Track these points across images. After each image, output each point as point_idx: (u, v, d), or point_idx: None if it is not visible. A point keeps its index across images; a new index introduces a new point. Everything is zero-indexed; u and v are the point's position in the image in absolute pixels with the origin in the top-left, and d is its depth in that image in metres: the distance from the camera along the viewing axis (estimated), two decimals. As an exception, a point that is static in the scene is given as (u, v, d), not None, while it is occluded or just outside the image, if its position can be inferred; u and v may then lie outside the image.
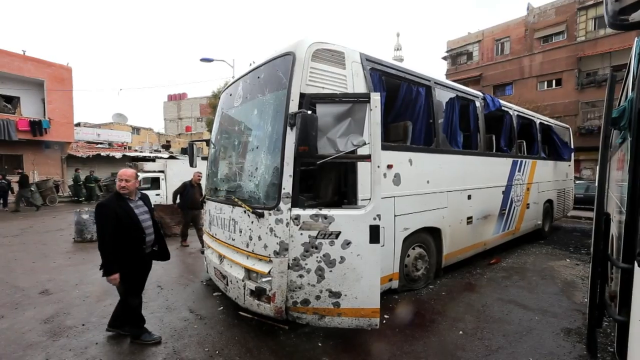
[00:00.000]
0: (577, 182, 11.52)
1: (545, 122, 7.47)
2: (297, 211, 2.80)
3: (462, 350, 2.90)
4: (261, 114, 3.41)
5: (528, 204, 6.50)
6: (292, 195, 2.83)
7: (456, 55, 27.21)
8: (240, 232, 3.21)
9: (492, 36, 24.95)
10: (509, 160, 5.82)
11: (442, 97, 4.44)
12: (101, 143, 23.71)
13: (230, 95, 4.13)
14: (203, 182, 5.39)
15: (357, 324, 2.84)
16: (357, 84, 3.38)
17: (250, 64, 4.49)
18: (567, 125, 9.22)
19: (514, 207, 6.01)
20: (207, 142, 4.78)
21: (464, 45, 26.62)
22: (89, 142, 23.00)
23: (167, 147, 25.32)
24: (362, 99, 2.82)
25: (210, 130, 5.16)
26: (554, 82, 20.94)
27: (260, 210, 2.93)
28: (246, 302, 3.08)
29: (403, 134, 4.02)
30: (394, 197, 3.68)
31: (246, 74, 3.83)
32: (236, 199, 3.23)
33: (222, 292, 3.77)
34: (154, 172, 11.91)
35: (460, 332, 3.20)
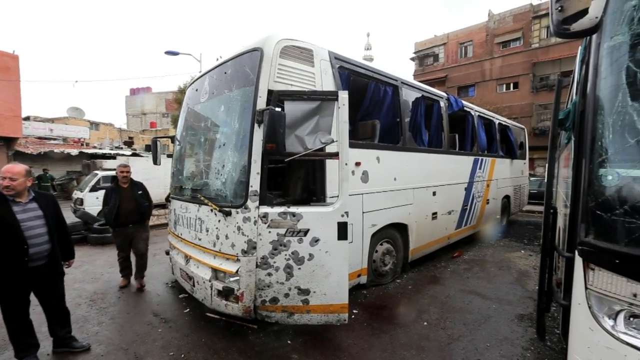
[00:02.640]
0: (532, 178, 12.35)
1: (503, 123, 7.93)
2: (265, 209, 2.78)
3: (426, 340, 3.03)
4: (228, 111, 3.34)
5: (488, 200, 6.87)
6: (260, 193, 2.80)
7: (423, 57, 28.11)
8: (207, 231, 3.13)
9: (457, 39, 26.05)
10: (471, 158, 6.13)
11: (408, 96, 4.58)
12: (54, 139, 22.04)
13: (196, 90, 4.00)
14: (155, 181, 4.62)
15: (326, 320, 2.88)
16: (325, 82, 3.40)
17: (217, 59, 4.38)
18: (523, 126, 9.84)
19: (476, 203, 6.34)
20: (172, 138, 4.60)
21: (430, 47, 27.56)
22: (40, 138, 21.29)
23: (129, 143, 24.06)
24: (330, 97, 2.84)
25: (176, 127, 4.94)
26: (512, 85, 22.25)
27: (227, 209, 2.88)
28: (213, 303, 3.01)
29: (371, 132, 4.11)
30: (362, 194, 3.75)
31: (212, 69, 3.73)
32: (202, 198, 3.14)
33: (188, 293, 3.66)
34: (115, 170, 11.28)
35: (425, 323, 3.34)
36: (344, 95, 2.77)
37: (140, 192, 4.34)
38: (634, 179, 1.37)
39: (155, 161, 4.41)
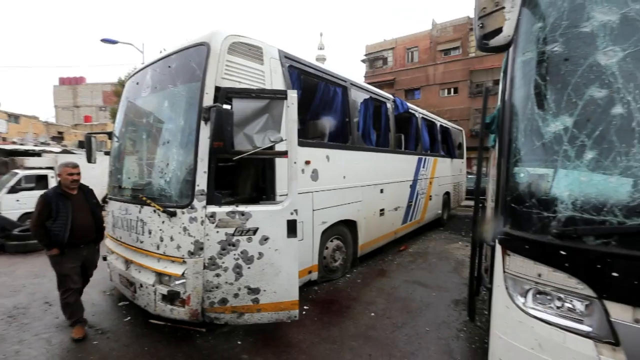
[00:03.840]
0: (469, 176, 13.49)
1: (444, 125, 8.56)
2: (212, 208, 2.71)
3: (373, 329, 3.19)
4: (173, 106, 3.19)
5: (431, 196, 7.38)
6: (207, 192, 2.72)
7: (373, 59, 29.15)
8: (150, 233, 2.96)
9: (404, 45, 27.42)
10: (415, 158, 6.53)
11: (357, 97, 4.75)
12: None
13: (137, 84, 3.75)
14: (90, 181, 3.48)
15: (277, 318, 2.89)
16: (275, 80, 3.40)
17: (161, 52, 4.15)
18: (461, 128, 10.72)
19: (420, 199, 6.78)
20: (110, 134, 4.26)
21: (380, 51, 28.67)
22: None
23: (59, 139, 21.62)
24: (279, 96, 2.85)
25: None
26: (452, 90, 24.06)
27: (172, 209, 2.75)
28: (157, 309, 2.86)
29: (321, 131, 4.20)
30: (312, 192, 3.82)
31: (155, 62, 3.53)
32: (144, 198, 2.97)
33: (129, 300, 3.43)
34: (40, 168, 10.07)
35: (372, 314, 3.51)
36: (292, 95, 2.80)
37: (94, 201, 3.28)
38: (539, 176, 1.59)
39: (90, 159, 4.04)
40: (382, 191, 5.25)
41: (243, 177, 3.70)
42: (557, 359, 1.51)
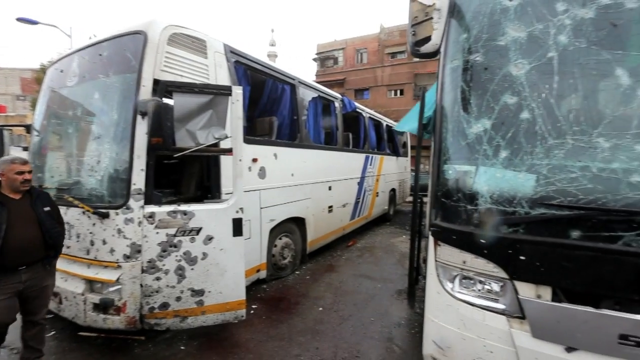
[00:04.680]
0: (413, 173, 14.37)
1: (391, 124, 9.00)
2: (151, 208, 2.56)
3: (320, 323, 3.26)
4: (104, 98, 2.93)
5: (377, 193, 7.72)
6: (145, 191, 2.56)
7: (324, 59, 29.52)
8: (78, 237, 2.70)
9: (354, 46, 28.16)
10: (363, 156, 6.78)
11: (305, 95, 4.78)
12: None
13: (62, 72, 3.38)
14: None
15: (223, 319, 2.82)
16: (220, 75, 3.30)
17: (91, 38, 3.78)
18: (406, 128, 11.34)
19: (367, 196, 7.05)
20: (29, 127, 3.78)
21: (331, 50, 29.11)
22: None
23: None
24: (223, 92, 2.77)
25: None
26: (399, 91, 25.32)
27: (104, 210, 2.54)
28: (88, 319, 2.63)
29: (268, 128, 4.17)
30: (260, 190, 3.78)
31: (84, 48, 3.21)
32: (71, 199, 2.70)
33: (53, 313, 3.09)
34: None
35: (320, 309, 3.59)
36: (238, 91, 2.74)
37: (47, 209, 2.37)
38: (464, 173, 1.77)
39: (2, 154, 3.55)
40: (330, 188, 5.37)
41: (187, 175, 3.54)
42: (478, 335, 1.70)
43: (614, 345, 1.40)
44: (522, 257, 1.55)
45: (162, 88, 2.61)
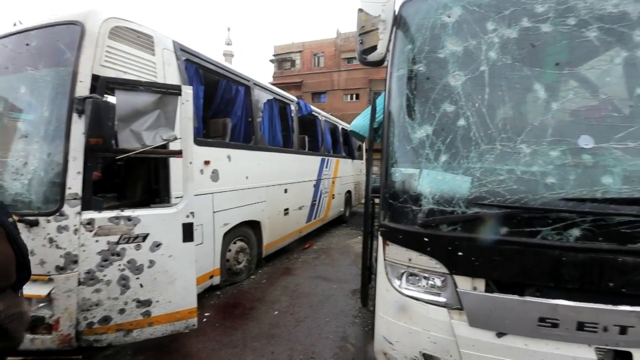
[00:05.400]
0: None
1: (346, 128, 9.21)
2: (90, 214, 2.36)
3: (276, 327, 3.24)
4: (32, 93, 2.65)
5: (334, 195, 7.86)
6: (82, 196, 2.35)
7: (282, 60, 29.44)
8: (0, 248, 2.40)
9: (311, 49, 28.45)
10: (319, 158, 6.86)
11: (260, 97, 4.74)
12: None
13: (-22, 61, 2.99)
14: None
15: (173, 329, 2.69)
16: (169, 74, 3.15)
17: (15, 24, 3.39)
18: (360, 132, 11.70)
19: (323, 198, 7.14)
20: None
21: (288, 53, 29.11)
22: None
23: None
24: (172, 91, 2.66)
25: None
26: (354, 96, 26.05)
27: (32, 218, 2.29)
28: (12, 340, 2.34)
29: (222, 130, 4.06)
30: (213, 193, 3.66)
31: (6, 36, 2.87)
32: (-9, 205, 2.39)
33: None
34: None
35: (276, 312, 3.56)
36: (188, 91, 2.64)
37: (11, 220, 1.65)
38: (409, 176, 1.88)
39: None
40: (286, 191, 5.36)
41: (133, 178, 3.33)
42: (422, 328, 1.81)
43: (535, 328, 1.58)
44: (460, 253, 1.69)
45: (102, 85, 2.43)
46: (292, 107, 5.76)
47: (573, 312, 1.55)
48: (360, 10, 1.78)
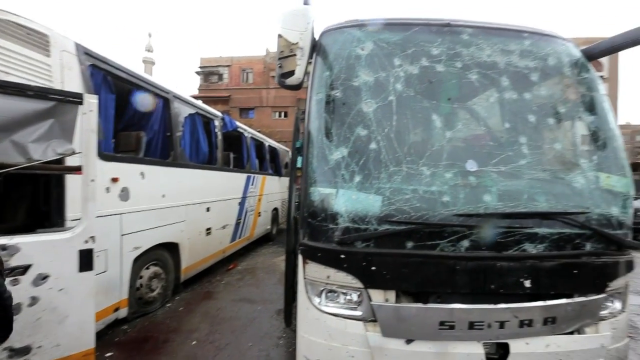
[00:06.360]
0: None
1: (272, 145, 9.24)
2: (-54, 244, 1.90)
3: (194, 359, 2.98)
4: None
5: (260, 213, 7.71)
6: None
7: (209, 73, 28.46)
8: None
9: (240, 65, 28.15)
10: (244, 175, 6.71)
11: (181, 111, 4.48)
12: None
13: None
14: None
15: (61, 378, 2.27)
16: (69, 79, 2.79)
17: None
18: (288, 149, 11.84)
19: (249, 216, 6.95)
20: None
21: (215, 66, 28.31)
22: None
23: None
24: (72, 99, 2.35)
25: None
26: (283, 113, 26.39)
27: None
28: None
29: (135, 144, 3.70)
30: (121, 213, 3.28)
31: None
32: None
33: None
34: None
35: (194, 342, 3.28)
36: (92, 100, 2.36)
37: None
38: (327, 195, 1.95)
39: None
40: (208, 209, 5.08)
41: (15, 198, 2.80)
42: (342, 343, 1.86)
43: (436, 331, 1.76)
44: (373, 268, 1.81)
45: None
46: (217, 123, 5.57)
47: (465, 314, 1.77)
48: (280, 36, 1.85)
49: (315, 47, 2.18)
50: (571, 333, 1.91)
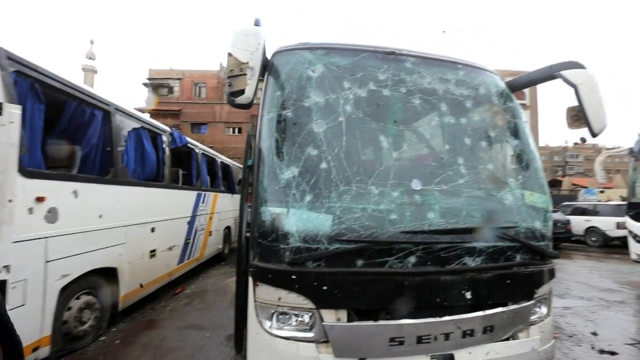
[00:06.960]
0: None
1: (225, 161, 8.98)
2: None
3: (129, 399, 2.68)
4: None
5: (211, 232, 7.37)
6: None
7: (158, 85, 27.21)
8: None
9: (192, 78, 27.34)
10: (194, 193, 6.40)
11: (123, 125, 4.18)
12: None
13: None
14: None
15: None
16: (-13, 86, 2.48)
17: None
18: (241, 165, 11.59)
19: (199, 235, 6.60)
20: None
21: (165, 78, 27.20)
22: None
23: None
24: (-12, 109, 2.09)
25: None
26: (237, 129, 25.93)
27: None
28: None
29: (67, 159, 3.36)
30: (47, 237, 2.91)
31: None
32: None
33: None
34: None
35: (131, 379, 2.97)
36: (13, 110, 2.14)
37: None
38: (278, 215, 1.93)
39: None
40: (153, 230, 4.73)
41: None
42: (293, 367, 1.80)
43: (387, 348, 1.79)
44: (324, 287, 1.80)
45: None
46: (164, 138, 5.29)
47: (413, 328, 1.82)
48: (230, 54, 1.84)
49: (267, 67, 2.20)
50: (507, 339, 2.06)
